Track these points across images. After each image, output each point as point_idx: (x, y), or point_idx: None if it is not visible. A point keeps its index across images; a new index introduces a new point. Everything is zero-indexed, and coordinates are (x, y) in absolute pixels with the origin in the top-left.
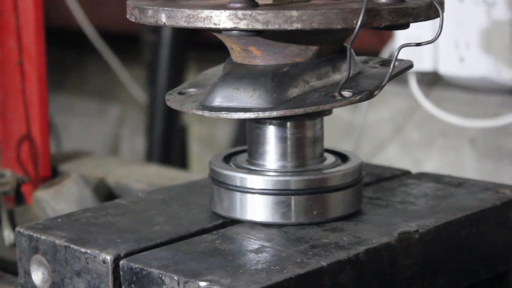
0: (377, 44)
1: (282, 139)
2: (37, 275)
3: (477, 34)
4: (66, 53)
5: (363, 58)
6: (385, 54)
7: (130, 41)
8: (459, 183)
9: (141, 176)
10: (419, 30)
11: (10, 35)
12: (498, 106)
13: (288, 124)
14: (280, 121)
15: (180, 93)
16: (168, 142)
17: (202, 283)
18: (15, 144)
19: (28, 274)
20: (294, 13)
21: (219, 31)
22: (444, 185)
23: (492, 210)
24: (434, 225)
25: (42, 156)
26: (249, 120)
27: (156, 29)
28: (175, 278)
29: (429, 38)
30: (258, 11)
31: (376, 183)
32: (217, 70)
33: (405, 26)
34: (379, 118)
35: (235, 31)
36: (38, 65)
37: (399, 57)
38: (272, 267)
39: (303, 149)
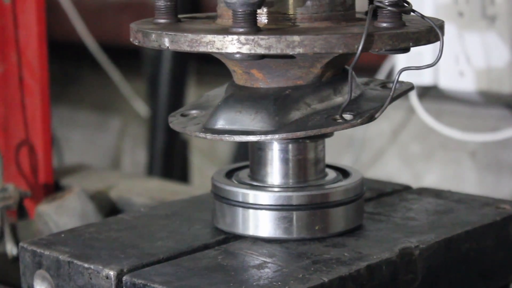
0: (377, 59)
1: (284, 161)
2: None
3: (477, 49)
4: (67, 66)
5: (364, 79)
6: (385, 69)
7: (131, 54)
8: (459, 198)
9: (143, 190)
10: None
11: (12, 49)
12: (498, 120)
13: (290, 146)
14: (282, 144)
15: (182, 115)
16: (170, 155)
17: None
18: (18, 158)
19: None
20: (296, 38)
21: (221, 55)
22: (445, 200)
23: (492, 225)
24: (435, 241)
25: (44, 169)
26: (251, 142)
27: None
28: None
29: (429, 53)
30: (261, 36)
31: (377, 198)
32: (219, 92)
33: (406, 50)
34: (379, 131)
35: (237, 55)
36: (41, 78)
37: (400, 78)
38: (274, 283)
39: (305, 170)
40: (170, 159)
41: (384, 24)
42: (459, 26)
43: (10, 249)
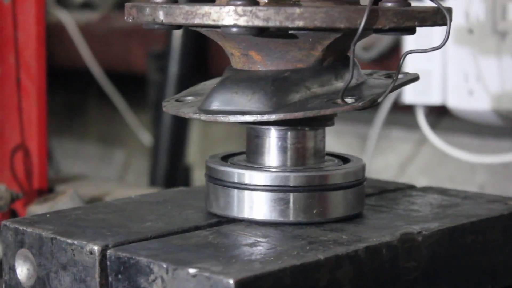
0: None
1: (282, 149)
2: (22, 271)
3: (487, 66)
4: (72, 96)
5: (368, 71)
6: (393, 94)
7: (138, 82)
8: (465, 195)
9: None
10: (428, 63)
11: (10, 51)
12: (509, 152)
13: (289, 134)
14: (280, 131)
15: (177, 101)
16: (172, 182)
17: (192, 270)
18: (13, 162)
19: (13, 270)
20: (296, 10)
21: (218, 27)
22: (450, 197)
23: (499, 219)
24: (438, 229)
25: (39, 174)
26: (247, 127)
27: (162, 68)
28: (163, 266)
29: (438, 73)
30: (259, 7)
31: (379, 194)
32: (217, 81)
33: (411, 31)
34: (386, 164)
35: (234, 28)
36: (38, 80)
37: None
38: (267, 258)
39: (304, 156)
40: (172, 186)
41: (389, 4)
42: (469, 43)
43: (1, 250)
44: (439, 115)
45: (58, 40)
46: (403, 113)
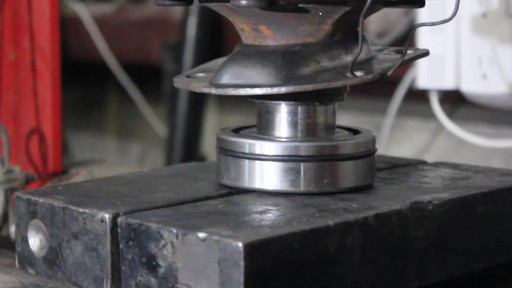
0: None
1: (293, 124)
2: (35, 242)
3: (501, 50)
4: (89, 90)
5: (378, 47)
6: (406, 81)
7: (152, 75)
8: (477, 169)
9: None
10: (442, 47)
11: (25, 35)
12: None
13: (299, 109)
14: (291, 106)
15: (188, 77)
16: None
17: (201, 234)
18: (28, 146)
19: (25, 241)
20: None
21: (227, 1)
22: (462, 170)
23: (510, 190)
24: (449, 198)
25: (53, 157)
26: (258, 103)
27: (177, 58)
28: (173, 231)
29: (452, 57)
30: None
31: (391, 168)
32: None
33: (421, 3)
34: (401, 153)
35: (244, 1)
36: (53, 64)
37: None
38: (277, 224)
39: (314, 130)
40: None
41: None
42: (482, 27)
43: (15, 231)
44: (454, 104)
45: (74, 33)
46: (417, 102)
